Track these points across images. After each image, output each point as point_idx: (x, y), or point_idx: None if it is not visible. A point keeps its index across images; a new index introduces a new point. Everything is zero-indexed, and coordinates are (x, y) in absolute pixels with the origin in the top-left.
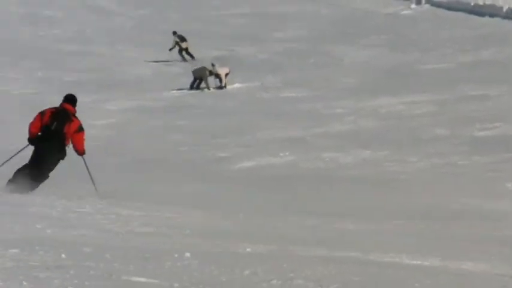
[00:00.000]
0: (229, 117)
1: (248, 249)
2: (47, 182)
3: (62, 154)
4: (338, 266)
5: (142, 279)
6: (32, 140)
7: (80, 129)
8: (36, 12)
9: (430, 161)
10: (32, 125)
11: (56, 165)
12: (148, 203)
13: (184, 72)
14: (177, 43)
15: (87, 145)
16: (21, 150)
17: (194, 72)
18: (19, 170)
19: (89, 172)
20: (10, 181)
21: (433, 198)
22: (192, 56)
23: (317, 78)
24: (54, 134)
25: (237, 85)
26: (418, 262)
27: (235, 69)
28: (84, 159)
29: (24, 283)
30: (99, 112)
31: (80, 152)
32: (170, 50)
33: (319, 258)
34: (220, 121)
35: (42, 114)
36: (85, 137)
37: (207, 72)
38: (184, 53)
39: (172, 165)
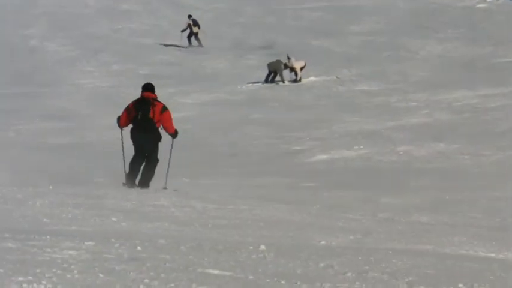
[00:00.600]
0: (304, 111)
1: (323, 242)
2: (123, 177)
3: (158, 136)
4: (413, 258)
5: (217, 272)
6: (121, 128)
7: (164, 109)
8: (113, 5)
9: (504, 154)
10: (120, 120)
11: (158, 148)
12: (223, 195)
13: (259, 66)
14: (189, 26)
15: (163, 138)
16: (122, 142)
17: (269, 65)
18: (131, 163)
19: (170, 159)
20: (128, 175)
21: (508, 191)
22: (200, 43)
23: (392, 72)
24: (142, 122)
25: (312, 78)
26: (493, 255)
27: (310, 63)
28: (173, 143)
29: (100, 275)
30: (175, 106)
31: (170, 131)
32: (182, 31)
33: (394, 251)
34: (295, 114)
35: (127, 109)
36: (171, 115)
37: (282, 66)
38: (193, 37)
39: (247, 159)
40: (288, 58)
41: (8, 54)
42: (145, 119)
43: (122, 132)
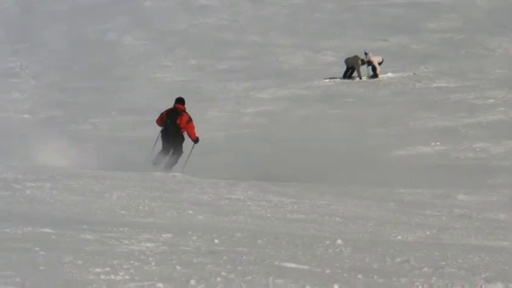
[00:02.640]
0: (381, 107)
1: (399, 237)
2: (200, 170)
3: (181, 138)
4: (490, 255)
5: (294, 265)
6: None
7: (189, 120)
8: (191, 1)
9: None
10: (157, 121)
11: (181, 145)
12: (299, 190)
13: (336, 61)
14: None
15: (240, 133)
16: (157, 137)
17: (347, 61)
18: (158, 155)
19: (189, 156)
20: (154, 162)
21: None
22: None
23: (469, 69)
24: (170, 126)
25: (389, 74)
26: None
27: (388, 59)
28: (193, 146)
29: (178, 267)
30: (251, 100)
31: (192, 138)
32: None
33: (471, 247)
34: (372, 110)
35: (161, 115)
36: (195, 126)
37: (360, 61)
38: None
39: (324, 154)
40: (365, 53)
41: (85, 48)
42: (173, 123)
43: (161, 132)
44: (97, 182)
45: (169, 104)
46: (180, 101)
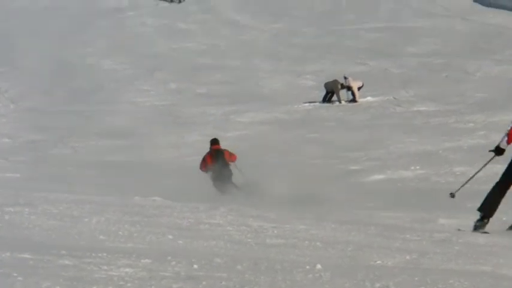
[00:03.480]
0: (360, 131)
1: (378, 262)
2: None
3: (230, 173)
4: (470, 279)
5: None
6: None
7: (231, 154)
8: (171, 25)
9: None
10: (202, 166)
11: (231, 179)
12: (280, 215)
13: (316, 85)
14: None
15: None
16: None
17: (326, 85)
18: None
19: (242, 173)
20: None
21: None
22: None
23: (450, 93)
24: (223, 167)
25: (369, 98)
26: None
27: (367, 83)
28: (237, 166)
29: None
30: (231, 124)
31: (233, 161)
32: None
33: (451, 272)
34: (352, 134)
35: (204, 160)
36: (234, 153)
37: (339, 86)
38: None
39: (303, 179)
40: (345, 78)
41: (65, 72)
42: (223, 163)
43: (212, 176)
44: (76, 207)
45: (151, 127)
46: (216, 141)
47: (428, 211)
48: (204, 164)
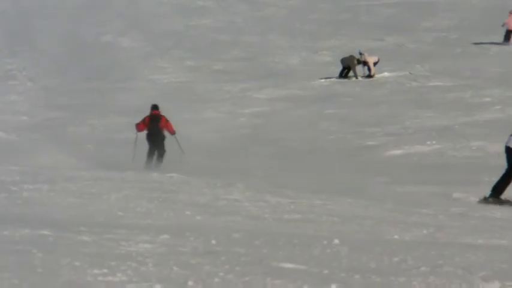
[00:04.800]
0: (377, 106)
1: (396, 236)
2: (197, 171)
3: (164, 137)
4: (487, 253)
5: (291, 265)
6: (140, 131)
7: (167, 121)
8: (188, 2)
9: None
10: (138, 126)
11: (163, 143)
12: (297, 190)
13: (333, 61)
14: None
15: (236, 133)
16: (135, 142)
17: (342, 61)
18: (148, 155)
19: (180, 145)
20: (146, 164)
21: None
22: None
23: (465, 68)
24: (155, 130)
25: (385, 74)
26: None
27: (383, 58)
28: (176, 137)
29: (175, 268)
30: (248, 101)
31: (171, 132)
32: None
33: (467, 246)
34: (368, 110)
35: (143, 120)
36: (171, 122)
37: (355, 61)
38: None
39: (320, 154)
40: (360, 54)
41: (82, 51)
42: (156, 127)
43: (137, 135)
44: (95, 184)
45: (168, 104)
46: (156, 107)
47: (444, 185)
48: (142, 124)
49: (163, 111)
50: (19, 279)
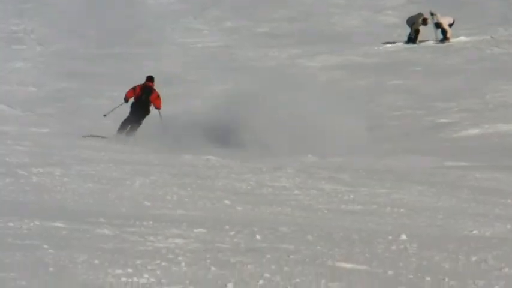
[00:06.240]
0: (452, 77)
1: (474, 232)
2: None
3: (148, 111)
4: None
5: (350, 265)
6: (126, 101)
7: (158, 97)
8: None
9: None
10: (127, 93)
11: (145, 117)
12: (356, 176)
13: (399, 23)
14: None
15: None
16: (117, 106)
17: (408, 20)
18: (123, 123)
19: (162, 121)
20: (118, 131)
21: None
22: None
23: None
24: (144, 101)
25: (462, 38)
26: None
27: (460, 20)
28: (160, 113)
29: (213, 268)
30: (298, 69)
31: (158, 107)
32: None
33: None
34: (442, 81)
35: (134, 88)
36: (161, 99)
37: (420, 20)
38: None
39: (384, 133)
40: (432, 14)
41: (101, 9)
42: (146, 99)
43: (122, 104)
44: (116, 167)
45: (203, 73)
46: (151, 79)
47: None
48: (131, 91)
49: (196, 81)
50: (27, 279)
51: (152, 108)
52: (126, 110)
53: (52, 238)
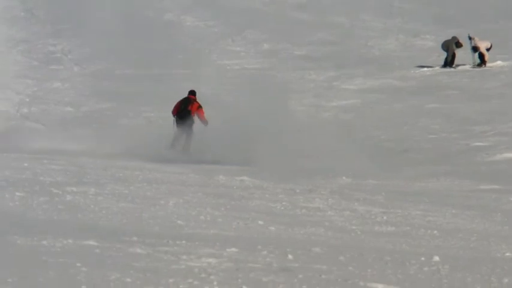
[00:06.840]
0: (488, 101)
1: (507, 254)
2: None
3: (192, 121)
4: None
5: (382, 286)
6: (174, 116)
7: (199, 107)
8: None
9: None
10: (172, 111)
11: (192, 127)
12: (390, 198)
13: (436, 47)
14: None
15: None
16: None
17: (443, 45)
18: (172, 140)
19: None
20: (169, 147)
21: None
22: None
23: None
24: (183, 111)
25: (499, 62)
26: None
27: (497, 45)
28: (203, 123)
29: (244, 287)
30: (335, 92)
31: (201, 118)
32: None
33: None
34: (478, 105)
35: (175, 105)
36: (204, 111)
37: (454, 45)
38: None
39: (420, 156)
40: (470, 38)
41: (139, 30)
42: (186, 110)
43: (175, 119)
44: (150, 187)
45: (239, 95)
46: (193, 92)
47: None
48: (175, 107)
49: (232, 103)
50: None
51: (197, 120)
52: None
53: (85, 256)
